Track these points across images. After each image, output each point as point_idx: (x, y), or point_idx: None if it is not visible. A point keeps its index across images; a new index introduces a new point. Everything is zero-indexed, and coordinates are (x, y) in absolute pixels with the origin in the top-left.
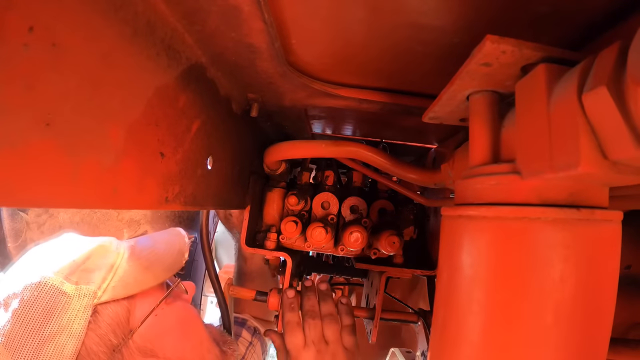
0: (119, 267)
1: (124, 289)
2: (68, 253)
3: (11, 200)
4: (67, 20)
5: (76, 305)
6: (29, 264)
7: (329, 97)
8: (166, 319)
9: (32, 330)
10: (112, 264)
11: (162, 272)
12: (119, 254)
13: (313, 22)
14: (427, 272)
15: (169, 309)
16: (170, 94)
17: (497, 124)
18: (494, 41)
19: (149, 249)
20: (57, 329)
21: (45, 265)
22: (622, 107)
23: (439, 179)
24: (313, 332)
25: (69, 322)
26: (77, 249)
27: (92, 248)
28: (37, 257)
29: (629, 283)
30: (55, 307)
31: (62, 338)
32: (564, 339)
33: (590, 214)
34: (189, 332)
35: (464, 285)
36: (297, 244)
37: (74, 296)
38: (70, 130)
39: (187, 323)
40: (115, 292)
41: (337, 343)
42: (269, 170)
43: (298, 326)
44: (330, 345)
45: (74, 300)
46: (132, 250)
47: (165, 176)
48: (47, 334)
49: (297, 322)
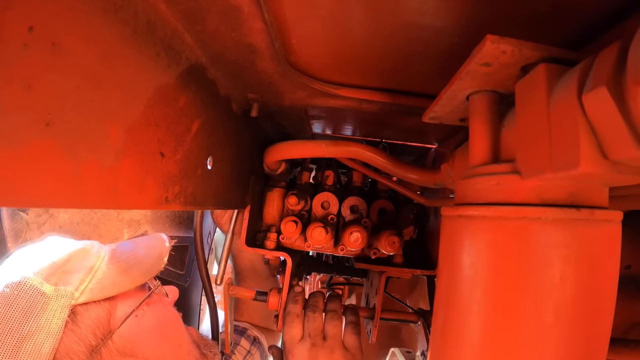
0: (98, 269)
1: (102, 291)
2: (49, 255)
3: (11, 200)
4: (67, 20)
5: (54, 306)
6: (12, 265)
7: (329, 97)
8: (146, 320)
9: (12, 328)
10: (92, 266)
11: (140, 275)
12: (99, 256)
13: (313, 22)
14: (427, 272)
15: (149, 311)
16: (170, 93)
17: (497, 124)
18: (494, 41)
19: (129, 252)
20: (36, 327)
21: (26, 266)
22: (622, 107)
23: (439, 179)
24: (311, 325)
25: (47, 322)
26: (58, 251)
27: (73, 251)
28: (20, 259)
29: (629, 283)
30: (34, 306)
31: (40, 337)
32: (564, 339)
33: (590, 214)
34: (169, 333)
35: (464, 285)
36: (297, 243)
37: (53, 297)
38: (70, 130)
39: (166, 325)
40: (93, 294)
41: (336, 339)
42: (269, 170)
43: (298, 318)
44: (328, 340)
45: (52, 301)
46: (112, 253)
47: (165, 176)
48: (26, 332)
49: (298, 314)
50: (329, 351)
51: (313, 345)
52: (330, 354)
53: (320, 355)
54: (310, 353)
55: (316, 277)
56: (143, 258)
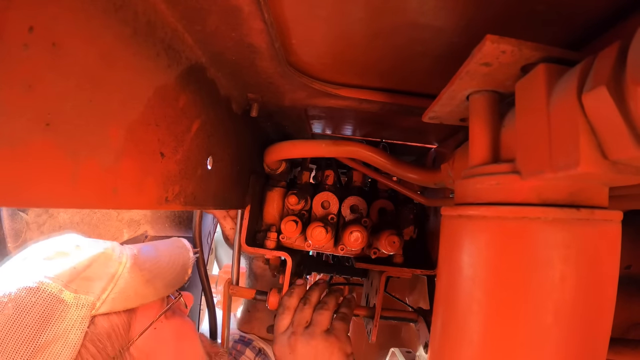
0: (120, 277)
1: (124, 302)
2: (69, 257)
3: (11, 200)
4: (67, 20)
5: (74, 315)
6: (26, 265)
7: (329, 97)
8: (164, 333)
9: (27, 337)
10: (114, 273)
11: (163, 288)
12: (120, 262)
13: (313, 22)
14: (427, 272)
15: (168, 323)
16: (170, 94)
17: (497, 123)
18: (494, 41)
19: (152, 260)
20: (53, 337)
21: (43, 268)
22: (622, 107)
23: (439, 178)
24: (298, 316)
25: (65, 332)
26: (78, 254)
27: (94, 255)
28: (35, 258)
29: (629, 283)
30: (52, 314)
31: (56, 347)
32: (563, 338)
33: (590, 214)
34: (185, 346)
35: (464, 285)
36: (297, 243)
37: (72, 305)
38: (70, 130)
39: (183, 337)
40: (115, 304)
41: (318, 325)
42: (269, 170)
43: (288, 310)
44: (309, 327)
45: (72, 310)
46: (134, 259)
47: (165, 176)
48: (42, 342)
49: (289, 307)
50: (309, 337)
51: (293, 333)
52: (309, 340)
53: (299, 342)
54: (289, 341)
55: (316, 276)
56: (166, 268)
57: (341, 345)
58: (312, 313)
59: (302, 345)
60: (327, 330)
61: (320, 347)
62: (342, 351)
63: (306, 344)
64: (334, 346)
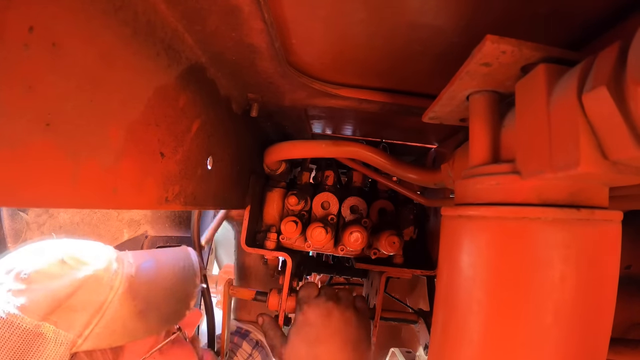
0: (108, 307)
1: (109, 338)
2: (52, 281)
3: (11, 200)
4: (67, 20)
5: (51, 352)
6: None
7: (329, 97)
8: None
9: None
10: (102, 302)
11: (157, 323)
12: (112, 288)
13: (313, 22)
14: (427, 272)
15: (162, 359)
16: (170, 94)
17: (497, 124)
18: (494, 41)
19: (150, 284)
20: None
21: (22, 294)
22: (622, 107)
23: (439, 179)
24: (327, 290)
25: None
26: (63, 276)
27: (82, 278)
28: (13, 280)
29: (629, 283)
30: (28, 349)
31: None
32: (564, 338)
33: (590, 214)
34: None
35: (464, 285)
36: (297, 244)
37: (51, 340)
38: (70, 131)
39: None
40: (99, 341)
41: (349, 300)
42: (269, 170)
43: (315, 286)
44: (342, 300)
45: (50, 345)
46: (129, 283)
47: (165, 176)
48: None
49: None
50: (344, 307)
51: (329, 298)
52: (345, 310)
53: (335, 309)
54: (326, 305)
55: (316, 277)
56: (165, 298)
57: (367, 324)
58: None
59: (338, 312)
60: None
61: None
62: (367, 330)
63: (343, 312)
64: (362, 322)
